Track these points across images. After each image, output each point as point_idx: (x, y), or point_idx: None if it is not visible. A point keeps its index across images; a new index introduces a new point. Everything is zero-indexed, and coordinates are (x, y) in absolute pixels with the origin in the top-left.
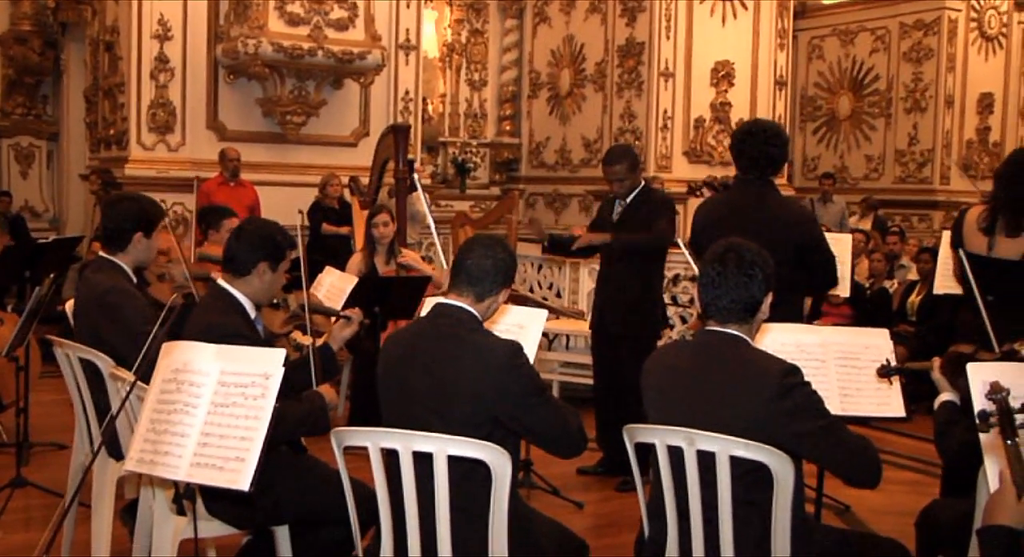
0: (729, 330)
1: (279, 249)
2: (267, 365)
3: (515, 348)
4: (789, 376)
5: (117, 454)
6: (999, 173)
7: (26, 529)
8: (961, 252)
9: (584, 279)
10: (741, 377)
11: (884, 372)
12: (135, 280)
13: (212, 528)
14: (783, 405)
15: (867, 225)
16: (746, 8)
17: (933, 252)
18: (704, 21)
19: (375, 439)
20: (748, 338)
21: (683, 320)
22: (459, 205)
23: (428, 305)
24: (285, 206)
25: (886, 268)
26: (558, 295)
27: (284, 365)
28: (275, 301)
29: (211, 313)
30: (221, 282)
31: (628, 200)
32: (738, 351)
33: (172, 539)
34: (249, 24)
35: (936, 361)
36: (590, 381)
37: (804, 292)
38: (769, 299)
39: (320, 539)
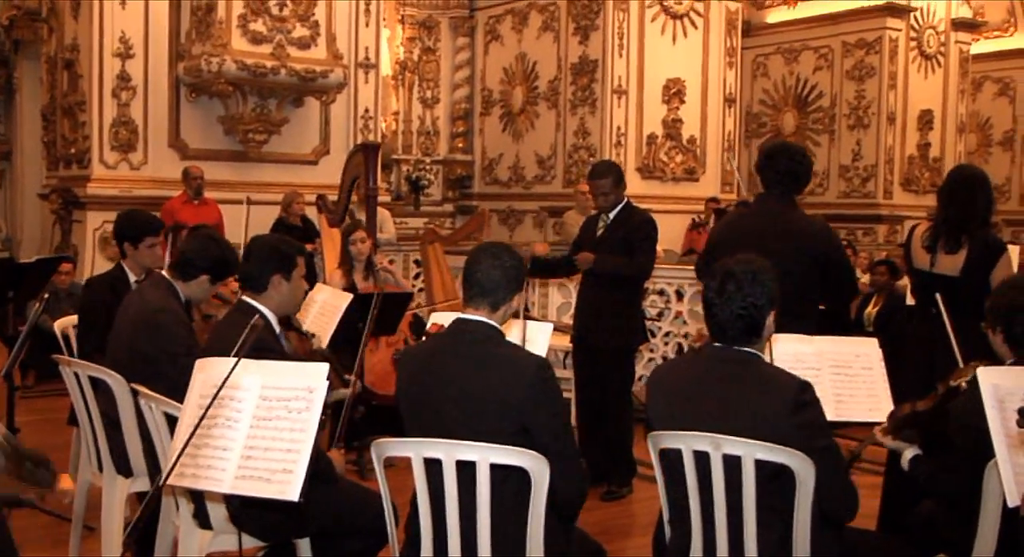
0: (740, 348)
1: (287, 258)
2: (311, 379)
3: (543, 363)
4: (804, 392)
5: (125, 471)
6: (940, 191)
7: (25, 549)
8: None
9: (553, 294)
10: (757, 391)
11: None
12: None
13: (234, 541)
14: (797, 419)
15: None
16: (696, 27)
17: (889, 264)
18: (655, 39)
19: (418, 449)
20: (759, 354)
21: (652, 333)
22: (413, 222)
23: (438, 321)
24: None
25: None
26: (526, 309)
27: None
28: (306, 331)
29: (242, 328)
30: (246, 298)
31: (611, 216)
32: (751, 367)
33: (198, 553)
34: (212, 42)
35: (876, 431)
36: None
37: (819, 304)
38: (772, 316)
39: (340, 551)
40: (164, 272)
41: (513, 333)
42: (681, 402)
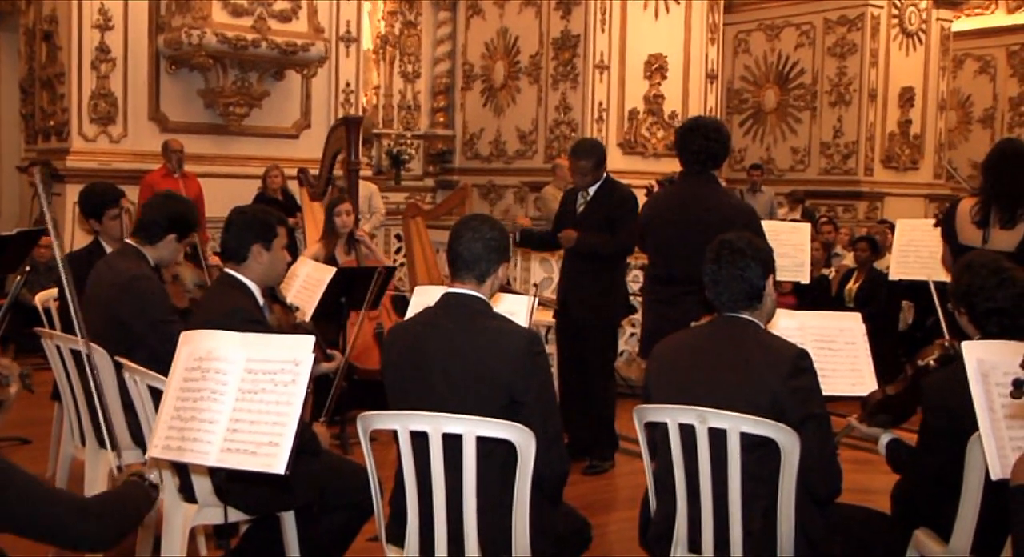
0: (741, 315)
1: (267, 227)
2: (296, 352)
3: (535, 336)
4: (802, 359)
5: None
6: (987, 165)
7: None
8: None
9: (535, 269)
10: (758, 355)
11: None
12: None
13: (218, 514)
14: (795, 383)
15: (796, 216)
16: (678, 2)
17: (870, 240)
18: (638, 15)
19: (404, 422)
20: (760, 322)
21: (634, 308)
22: (394, 197)
23: (423, 294)
24: (228, 198)
25: (823, 257)
26: (508, 284)
27: None
28: (291, 304)
29: (230, 299)
30: (228, 270)
31: (591, 193)
32: (753, 333)
33: (182, 527)
34: (192, 14)
35: (852, 419)
36: None
37: None
38: (770, 282)
39: (324, 524)
40: (129, 240)
41: (498, 306)
42: (679, 369)
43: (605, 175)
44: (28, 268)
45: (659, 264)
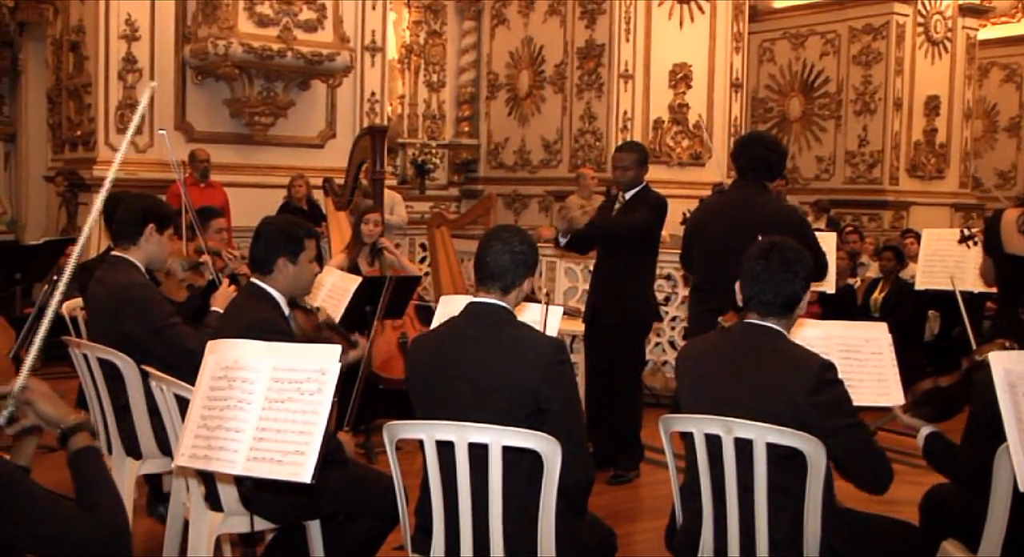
0: (768, 323)
1: (294, 241)
2: (323, 361)
3: (560, 344)
4: (826, 372)
5: (134, 453)
6: None
7: None
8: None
9: (560, 278)
10: (781, 368)
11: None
12: (147, 277)
13: (244, 523)
14: (818, 398)
15: (821, 225)
16: (703, 11)
17: (895, 250)
18: (662, 24)
19: (430, 431)
20: (785, 332)
21: (658, 317)
22: (419, 206)
23: (449, 304)
24: (253, 207)
25: (849, 266)
26: (532, 293)
27: None
28: (311, 306)
29: (256, 309)
30: (255, 280)
31: (627, 197)
32: (777, 343)
33: (208, 535)
34: (218, 25)
35: (896, 408)
36: None
37: None
38: (807, 296)
39: (350, 533)
40: (114, 252)
41: (524, 316)
42: (705, 377)
43: (644, 183)
44: (56, 277)
45: (705, 269)
